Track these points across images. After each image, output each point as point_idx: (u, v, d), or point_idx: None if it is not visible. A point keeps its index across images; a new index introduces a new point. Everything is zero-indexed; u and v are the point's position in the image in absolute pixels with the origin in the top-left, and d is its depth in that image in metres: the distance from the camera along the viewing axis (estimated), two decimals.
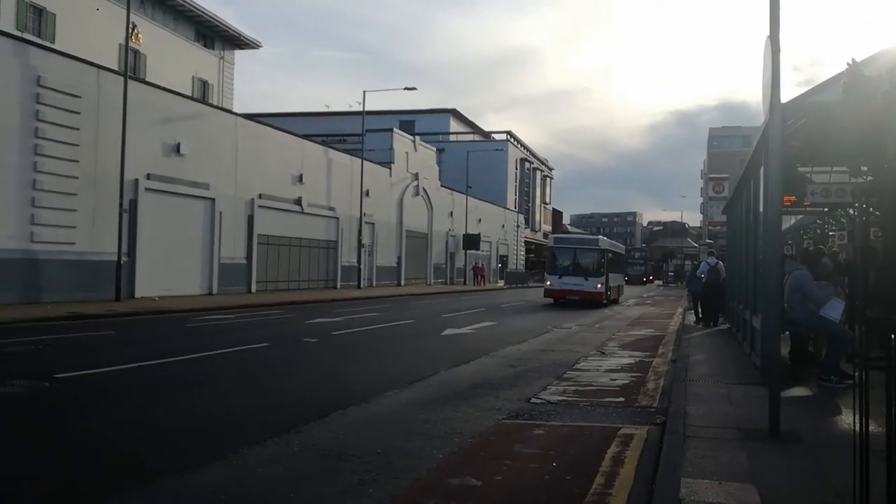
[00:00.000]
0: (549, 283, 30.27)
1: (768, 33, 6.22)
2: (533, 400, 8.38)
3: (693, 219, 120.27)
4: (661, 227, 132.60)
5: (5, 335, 12.73)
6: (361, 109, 37.57)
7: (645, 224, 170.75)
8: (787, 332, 10.03)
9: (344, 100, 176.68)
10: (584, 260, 29.85)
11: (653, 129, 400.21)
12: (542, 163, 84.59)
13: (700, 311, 19.80)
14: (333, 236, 35.30)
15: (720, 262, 19.62)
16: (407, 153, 44.19)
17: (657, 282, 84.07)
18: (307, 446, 6.09)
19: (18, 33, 24.34)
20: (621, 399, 8.66)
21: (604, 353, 13.28)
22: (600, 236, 33.55)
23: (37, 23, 29.74)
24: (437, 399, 8.44)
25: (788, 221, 21.74)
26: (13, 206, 18.69)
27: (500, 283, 56.00)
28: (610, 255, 31.54)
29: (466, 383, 9.61)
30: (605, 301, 29.84)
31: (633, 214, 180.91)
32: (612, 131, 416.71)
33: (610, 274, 30.87)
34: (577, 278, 29.12)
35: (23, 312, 16.17)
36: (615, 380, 10.16)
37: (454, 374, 10.43)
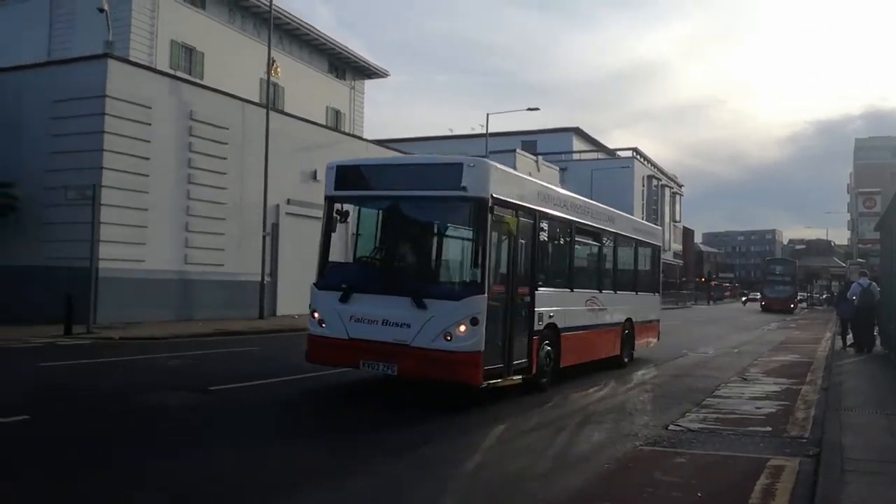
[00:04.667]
0: (316, 315, 9.45)
1: None
2: (671, 427, 8.08)
3: (839, 236, 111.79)
4: (803, 246, 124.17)
5: (166, 349, 13.87)
6: (484, 132, 37.99)
7: (785, 242, 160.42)
8: None
9: (467, 123, 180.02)
10: (426, 241, 9.89)
11: (791, 140, 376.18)
12: (671, 179, 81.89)
13: (852, 335, 18.36)
14: None
15: (873, 283, 18.12)
16: (530, 173, 44.09)
17: (802, 304, 78.45)
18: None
19: (172, 72, 26.62)
20: (768, 428, 8.19)
21: (746, 380, 12.59)
22: (478, 158, 9.66)
23: (188, 61, 32.39)
24: (569, 423, 8.33)
25: None
26: (171, 231, 20.37)
27: None
28: (521, 217, 9.50)
29: (599, 407, 9.45)
30: (501, 373, 8.96)
31: (773, 232, 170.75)
32: (746, 144, 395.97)
33: (546, 290, 10.32)
34: (390, 305, 8.86)
35: (179, 329, 17.55)
36: (760, 408, 9.61)
37: (586, 398, 10.27)
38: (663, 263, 71.93)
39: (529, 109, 39.00)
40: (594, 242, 13.19)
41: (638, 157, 70.53)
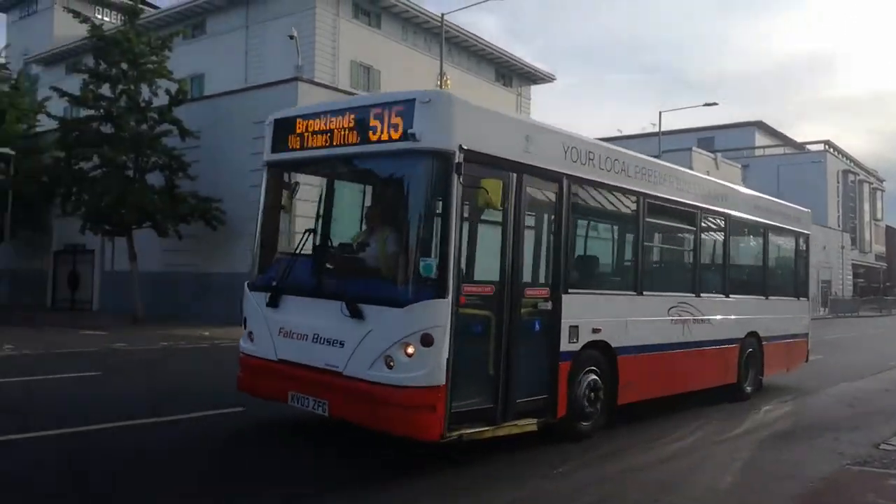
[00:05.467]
0: (246, 326, 7.07)
1: None
2: (883, 446, 7.38)
3: None
4: None
5: None
6: (656, 130, 36.73)
7: None
8: None
9: (637, 122, 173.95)
10: (368, 219, 7.19)
11: None
12: (871, 174, 74.26)
13: None
14: None
15: None
16: (707, 172, 41.93)
17: None
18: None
19: (353, 90, 28.37)
20: None
21: None
22: (440, 91, 8.75)
23: (366, 79, 34.35)
24: (764, 437, 7.90)
25: None
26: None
27: (822, 312, 50.03)
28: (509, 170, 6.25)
29: (797, 422, 8.88)
30: (490, 417, 6.00)
31: None
32: None
33: (586, 293, 7.33)
34: (321, 313, 6.15)
35: None
36: None
37: (781, 410, 9.68)
38: (864, 267, 65.07)
39: (706, 105, 37.18)
40: (686, 226, 9.25)
41: (831, 150, 64.74)
